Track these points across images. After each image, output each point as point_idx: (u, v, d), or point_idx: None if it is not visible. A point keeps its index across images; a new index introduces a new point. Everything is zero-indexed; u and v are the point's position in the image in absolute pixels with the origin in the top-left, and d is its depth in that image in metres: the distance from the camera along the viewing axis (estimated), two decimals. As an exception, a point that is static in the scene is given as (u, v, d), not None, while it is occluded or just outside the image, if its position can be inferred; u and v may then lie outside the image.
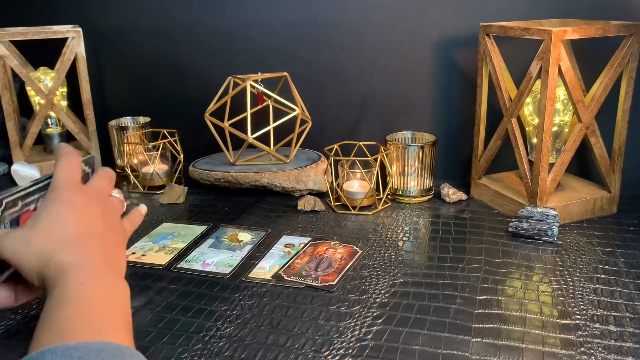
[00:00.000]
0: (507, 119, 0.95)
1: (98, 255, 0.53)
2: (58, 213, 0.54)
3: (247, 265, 0.81)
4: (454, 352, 0.61)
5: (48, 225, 0.53)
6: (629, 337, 0.63)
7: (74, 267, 0.51)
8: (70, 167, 0.57)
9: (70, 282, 0.50)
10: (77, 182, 0.57)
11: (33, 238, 0.53)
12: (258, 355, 0.61)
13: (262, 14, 1.17)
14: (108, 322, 0.48)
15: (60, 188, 0.55)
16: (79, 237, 0.53)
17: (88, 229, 0.55)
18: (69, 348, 0.42)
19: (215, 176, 1.06)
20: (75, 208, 0.55)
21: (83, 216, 0.55)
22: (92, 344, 0.43)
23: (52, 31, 1.17)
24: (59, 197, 0.55)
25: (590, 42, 0.92)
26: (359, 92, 1.17)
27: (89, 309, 0.48)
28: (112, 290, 0.52)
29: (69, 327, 0.46)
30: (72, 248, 0.52)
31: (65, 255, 0.52)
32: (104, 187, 0.61)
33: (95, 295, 0.50)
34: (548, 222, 0.86)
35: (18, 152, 1.19)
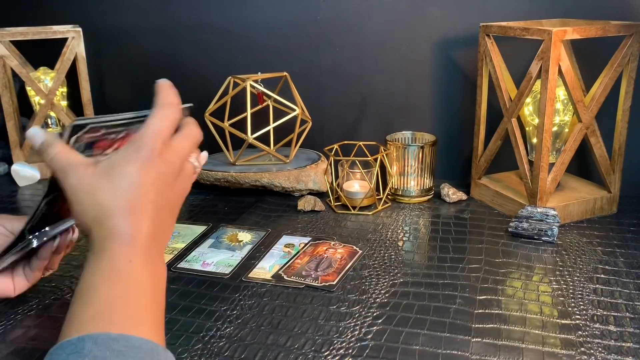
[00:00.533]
0: (507, 119, 0.95)
1: (153, 230, 0.51)
2: (133, 172, 0.50)
3: (247, 265, 0.81)
4: (454, 352, 0.61)
5: (119, 181, 0.50)
6: (629, 337, 0.63)
7: (126, 239, 0.49)
8: (164, 122, 0.53)
9: (119, 256, 0.48)
10: (166, 140, 0.53)
11: (100, 186, 0.50)
12: (258, 355, 0.61)
13: (262, 14, 1.17)
14: (149, 313, 0.47)
15: (146, 143, 0.51)
16: (144, 203, 0.50)
17: (156, 196, 0.51)
18: (111, 339, 0.42)
19: (215, 176, 1.06)
20: (151, 174, 0.51)
21: (154, 184, 0.51)
22: (133, 340, 0.43)
23: (52, 31, 1.17)
24: (141, 154, 0.51)
25: (590, 42, 0.92)
26: (359, 92, 1.17)
27: (134, 294, 0.47)
28: (155, 274, 0.50)
29: (112, 309, 0.45)
30: (132, 214, 0.50)
31: (123, 221, 0.49)
32: (186, 150, 0.56)
33: (141, 278, 0.48)
34: (548, 222, 0.86)
35: (18, 152, 1.19)
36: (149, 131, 0.52)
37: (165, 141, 0.53)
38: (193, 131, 0.57)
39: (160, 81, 0.56)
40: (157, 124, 0.53)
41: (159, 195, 0.52)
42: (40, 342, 0.64)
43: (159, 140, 0.52)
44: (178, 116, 0.55)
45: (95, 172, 0.51)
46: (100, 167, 0.51)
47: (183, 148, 0.55)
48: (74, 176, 0.51)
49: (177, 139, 0.55)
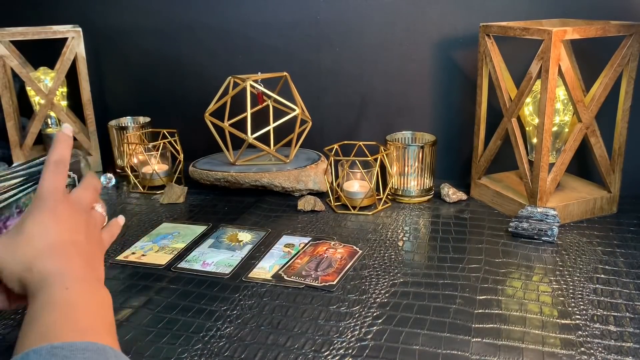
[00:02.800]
0: (507, 119, 0.95)
1: (80, 262, 0.54)
2: (42, 221, 0.55)
3: (247, 265, 0.81)
4: (454, 352, 0.61)
5: (32, 232, 0.54)
6: (629, 337, 0.63)
7: (57, 273, 0.51)
8: (57, 177, 0.58)
9: (54, 287, 0.50)
10: (62, 192, 0.58)
11: (17, 244, 0.53)
12: (258, 355, 0.61)
13: (262, 14, 1.17)
14: (92, 325, 0.48)
15: (45, 197, 0.56)
16: (63, 245, 0.54)
17: (71, 238, 0.55)
18: (54, 347, 0.42)
19: (215, 176, 1.06)
20: (59, 217, 0.56)
21: (66, 225, 0.56)
22: (76, 344, 0.43)
23: (52, 31, 1.17)
24: (44, 206, 0.56)
25: (590, 42, 0.92)
26: (359, 92, 1.17)
27: (73, 312, 0.48)
28: (96, 296, 0.52)
29: (53, 329, 0.46)
30: (56, 255, 0.53)
31: (49, 262, 0.52)
32: (88, 198, 0.61)
33: (80, 299, 0.50)
34: (548, 222, 0.86)
35: (18, 152, 1.19)
36: (45, 187, 0.56)
37: (62, 191, 0.57)
38: (91, 181, 0.63)
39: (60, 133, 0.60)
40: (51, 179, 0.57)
41: (74, 235, 0.56)
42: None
43: (58, 193, 0.57)
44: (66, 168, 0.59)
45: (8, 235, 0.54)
46: (10, 231, 0.55)
47: (83, 196, 0.60)
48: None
49: (76, 190, 0.60)
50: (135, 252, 0.86)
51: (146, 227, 0.95)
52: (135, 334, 0.66)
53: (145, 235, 0.92)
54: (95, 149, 1.23)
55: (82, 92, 1.21)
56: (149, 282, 0.77)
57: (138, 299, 0.73)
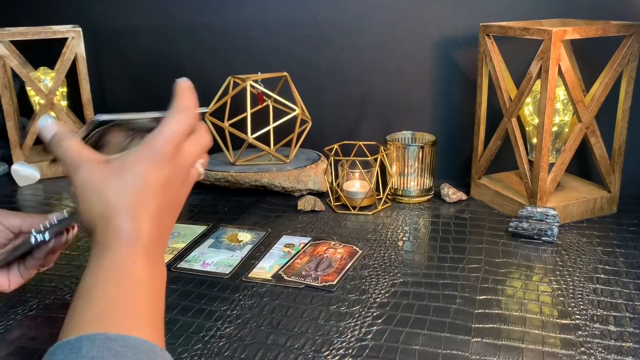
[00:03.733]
0: (507, 119, 0.95)
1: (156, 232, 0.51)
2: (143, 173, 0.50)
3: (247, 265, 0.81)
4: (454, 352, 0.61)
5: (129, 180, 0.50)
6: (629, 337, 0.63)
7: (132, 239, 0.49)
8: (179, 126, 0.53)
9: (123, 256, 0.48)
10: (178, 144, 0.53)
11: (109, 185, 0.50)
12: (258, 355, 0.61)
13: (262, 14, 1.17)
14: (150, 315, 0.47)
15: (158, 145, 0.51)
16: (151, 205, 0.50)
17: (160, 202, 0.51)
18: (108, 339, 0.41)
19: (215, 176, 1.06)
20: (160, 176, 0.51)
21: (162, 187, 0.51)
22: (131, 340, 0.43)
23: (52, 31, 1.17)
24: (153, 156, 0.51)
25: (590, 42, 0.92)
26: (359, 92, 1.17)
27: (136, 295, 0.47)
28: (159, 276, 0.51)
29: (113, 309, 0.45)
30: (139, 215, 0.50)
31: (129, 221, 0.49)
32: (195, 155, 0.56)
33: (144, 280, 0.48)
34: (548, 222, 0.86)
35: (18, 152, 1.19)
36: (163, 134, 0.52)
37: (177, 145, 0.53)
38: (204, 137, 0.57)
39: (180, 82, 0.56)
40: (172, 128, 0.53)
41: (165, 199, 0.52)
42: (40, 342, 0.64)
43: (171, 144, 0.52)
44: (194, 121, 0.55)
45: (106, 170, 0.51)
46: (112, 166, 0.51)
47: (193, 153, 0.55)
48: (84, 172, 0.51)
49: (188, 144, 0.55)
50: (135, 252, 0.86)
51: (146, 227, 0.95)
52: (135, 334, 0.66)
53: (145, 235, 0.92)
54: (95, 149, 1.23)
55: (82, 92, 1.21)
56: (149, 282, 0.77)
57: (138, 299, 0.73)
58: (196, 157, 0.56)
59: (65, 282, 0.78)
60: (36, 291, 0.75)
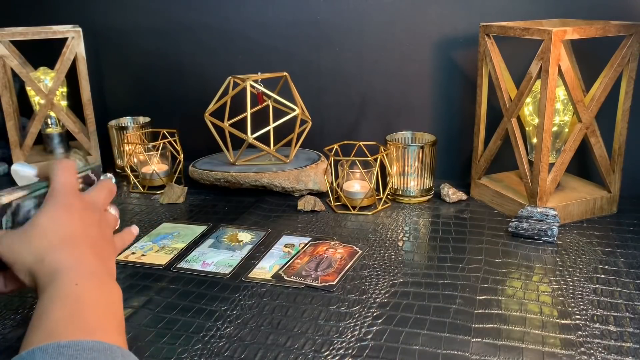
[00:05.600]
0: (507, 119, 0.95)
1: (93, 257, 0.54)
2: (56, 215, 0.55)
3: (247, 265, 0.81)
4: (454, 352, 0.61)
5: (46, 225, 0.54)
6: (629, 337, 0.63)
7: (69, 267, 0.51)
8: (68, 174, 0.59)
9: (64, 282, 0.50)
10: (76, 189, 0.59)
11: (30, 236, 0.54)
12: (258, 355, 0.61)
13: (262, 14, 1.17)
14: (101, 323, 0.48)
15: (59, 193, 0.57)
16: (75, 238, 0.54)
17: (84, 232, 0.56)
18: (61, 346, 0.42)
19: (215, 176, 1.06)
20: (73, 212, 0.56)
21: (80, 220, 0.56)
22: (84, 343, 0.43)
23: (52, 31, 1.17)
24: (58, 201, 0.56)
25: (590, 42, 0.92)
26: (359, 92, 1.17)
27: (82, 310, 0.48)
28: (106, 292, 0.52)
29: (61, 326, 0.46)
30: (68, 248, 0.53)
31: (61, 255, 0.52)
32: (102, 199, 0.62)
33: (90, 296, 0.50)
34: (548, 222, 0.86)
35: (18, 152, 1.19)
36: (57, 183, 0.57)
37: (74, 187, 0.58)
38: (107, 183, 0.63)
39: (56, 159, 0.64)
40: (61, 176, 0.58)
41: (87, 229, 0.56)
42: (40, 342, 0.64)
43: (68, 187, 0.57)
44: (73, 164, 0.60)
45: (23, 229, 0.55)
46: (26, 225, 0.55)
47: (97, 196, 0.61)
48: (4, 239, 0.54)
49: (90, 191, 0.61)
50: (135, 252, 0.86)
51: (146, 227, 0.95)
52: (135, 334, 0.66)
53: (145, 235, 0.92)
54: (95, 149, 1.23)
55: (82, 92, 1.20)
56: (149, 282, 0.77)
57: (138, 299, 0.73)
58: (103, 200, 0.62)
59: (65, 282, 0.78)
60: (36, 291, 0.75)
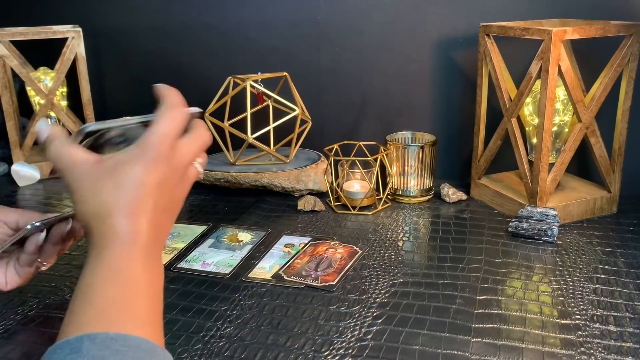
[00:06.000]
0: (507, 119, 0.95)
1: (153, 231, 0.50)
2: (137, 174, 0.50)
3: (247, 265, 0.81)
4: (454, 352, 0.61)
5: (123, 181, 0.49)
6: (629, 337, 0.63)
7: (128, 238, 0.48)
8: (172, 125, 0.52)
9: (120, 255, 0.47)
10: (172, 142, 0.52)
11: (103, 184, 0.49)
12: (258, 355, 0.61)
13: (262, 14, 1.17)
14: (149, 315, 0.47)
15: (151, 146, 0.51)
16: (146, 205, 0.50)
17: (156, 202, 0.51)
18: (109, 338, 0.41)
19: (215, 176, 1.06)
20: (155, 176, 0.50)
21: (157, 186, 0.51)
22: (131, 339, 0.42)
23: (52, 31, 1.17)
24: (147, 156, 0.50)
25: (590, 42, 0.92)
26: (359, 92, 1.17)
27: (134, 294, 0.46)
28: (157, 275, 0.50)
29: (112, 310, 0.45)
30: (133, 216, 0.49)
31: (124, 221, 0.48)
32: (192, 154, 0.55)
33: (142, 279, 0.48)
34: (548, 222, 0.86)
35: (18, 152, 1.19)
36: (156, 133, 0.51)
37: (171, 144, 0.52)
38: (202, 135, 0.56)
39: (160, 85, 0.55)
40: (165, 126, 0.52)
41: (161, 198, 0.51)
42: (40, 342, 0.64)
43: (165, 143, 0.51)
44: (185, 117, 0.54)
45: (100, 170, 0.50)
46: (105, 166, 0.50)
47: (189, 152, 0.54)
48: (77, 173, 0.50)
49: (184, 141, 0.54)
50: (135, 252, 0.86)
51: (146, 227, 0.95)
52: (135, 334, 0.66)
53: (145, 235, 0.92)
54: (95, 149, 1.23)
55: (82, 92, 1.21)
56: (149, 282, 0.77)
57: (138, 299, 0.73)
58: (193, 156, 0.55)
59: (65, 282, 0.78)
60: (36, 291, 0.75)
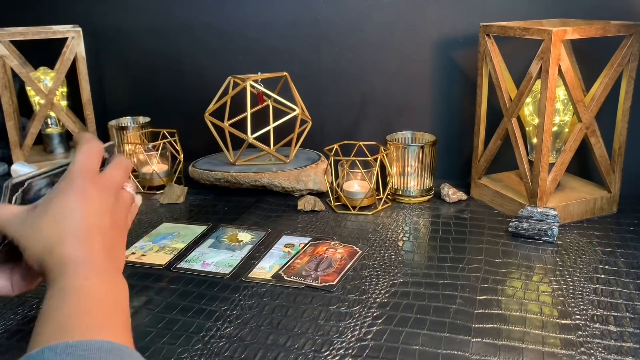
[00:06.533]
0: (507, 119, 0.95)
1: (103, 251, 0.53)
2: (69, 203, 0.53)
3: (247, 265, 0.81)
4: (454, 352, 0.61)
5: (58, 213, 0.52)
6: (629, 337, 0.63)
7: (78, 261, 0.50)
8: (89, 155, 0.56)
9: (74, 276, 0.49)
10: (94, 172, 0.56)
11: (42, 224, 0.52)
12: (258, 355, 0.61)
13: (262, 14, 1.17)
14: (110, 321, 0.48)
15: (76, 176, 0.54)
16: (87, 230, 0.53)
17: (96, 223, 0.53)
18: (69, 346, 0.42)
19: (215, 176, 1.06)
20: (87, 200, 0.54)
21: (93, 209, 0.54)
22: (93, 342, 0.43)
23: (52, 31, 1.17)
24: (73, 186, 0.54)
25: (590, 42, 0.92)
26: (359, 92, 1.17)
27: (91, 306, 0.47)
28: (115, 288, 0.51)
29: (70, 323, 0.45)
30: (79, 241, 0.52)
31: (71, 248, 0.51)
32: (118, 178, 0.59)
33: (99, 292, 0.49)
34: (548, 222, 0.86)
35: (18, 152, 1.19)
36: (76, 165, 0.55)
37: (94, 171, 0.56)
38: (122, 161, 0.61)
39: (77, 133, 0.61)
40: (82, 157, 0.56)
41: (101, 219, 0.54)
42: (40, 342, 0.64)
43: (87, 171, 0.55)
44: (99, 147, 0.58)
45: (35, 212, 0.53)
46: (39, 207, 0.54)
47: (113, 175, 0.58)
48: (15, 224, 0.53)
49: (106, 169, 0.58)
50: (135, 252, 0.86)
51: (146, 227, 0.95)
52: (135, 334, 0.65)
53: (145, 235, 0.92)
54: (95, 149, 1.23)
55: (82, 92, 1.21)
56: (148, 282, 0.77)
57: (138, 299, 0.73)
58: (119, 179, 0.59)
59: (65, 282, 0.77)
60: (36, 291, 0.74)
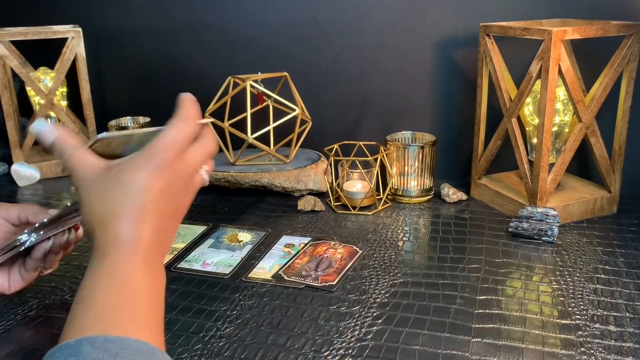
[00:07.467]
0: (507, 119, 0.95)
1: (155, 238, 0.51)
2: (142, 179, 0.50)
3: (247, 265, 0.81)
4: (454, 352, 0.61)
5: (128, 186, 0.50)
6: (629, 337, 0.63)
7: (130, 243, 0.49)
8: (179, 133, 0.53)
9: (122, 260, 0.48)
10: (178, 153, 0.53)
11: (109, 190, 0.50)
12: (258, 355, 0.61)
13: (262, 14, 1.17)
14: (149, 317, 0.47)
15: (158, 152, 0.52)
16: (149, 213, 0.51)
17: (159, 208, 0.51)
18: (108, 341, 0.42)
19: (215, 176, 1.06)
20: (160, 182, 0.51)
21: (162, 193, 0.52)
22: (131, 342, 0.43)
23: (52, 31, 1.17)
24: (152, 163, 0.51)
25: (590, 42, 0.92)
26: (359, 92, 1.17)
27: (134, 298, 0.47)
28: (159, 281, 0.51)
29: (112, 313, 0.45)
30: (136, 222, 0.50)
31: (127, 227, 0.49)
32: (198, 161, 0.56)
33: (143, 284, 0.48)
34: (548, 222, 0.86)
35: (18, 152, 1.19)
36: (162, 141, 0.52)
37: (178, 152, 0.53)
38: (208, 143, 0.57)
39: (183, 94, 0.56)
40: (172, 135, 0.53)
41: (164, 204, 0.52)
42: (40, 342, 0.64)
43: (171, 151, 0.52)
44: (195, 129, 0.55)
45: (107, 176, 0.51)
46: (112, 171, 0.52)
47: (195, 160, 0.55)
48: (85, 177, 0.52)
49: (191, 149, 0.55)
50: (135, 252, 0.86)
51: (146, 227, 0.95)
52: (135, 334, 0.66)
53: (145, 235, 0.92)
54: (95, 149, 1.23)
55: (82, 92, 1.21)
56: (149, 282, 0.77)
57: (138, 299, 0.73)
58: (199, 164, 0.56)
59: (65, 282, 0.78)
60: (36, 291, 0.75)
